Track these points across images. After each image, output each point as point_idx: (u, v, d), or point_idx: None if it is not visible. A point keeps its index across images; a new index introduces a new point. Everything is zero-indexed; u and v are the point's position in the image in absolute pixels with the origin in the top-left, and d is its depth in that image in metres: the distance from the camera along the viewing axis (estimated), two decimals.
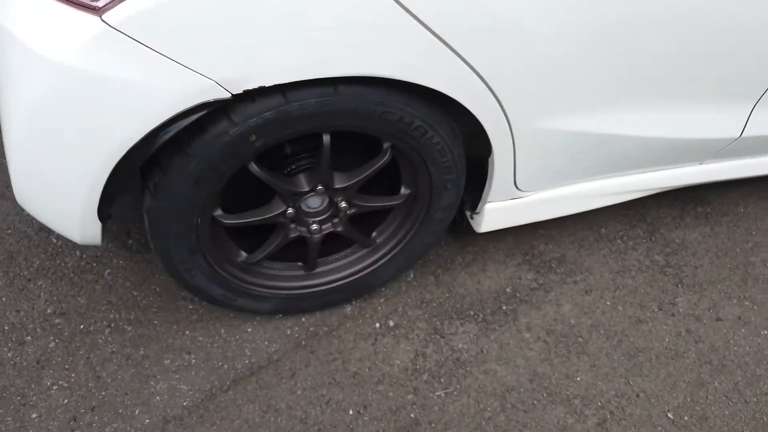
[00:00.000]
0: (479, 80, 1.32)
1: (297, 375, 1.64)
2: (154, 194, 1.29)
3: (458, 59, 1.28)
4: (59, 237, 1.84)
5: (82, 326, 1.65)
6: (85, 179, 1.21)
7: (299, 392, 1.60)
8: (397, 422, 1.57)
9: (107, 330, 1.65)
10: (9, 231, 1.84)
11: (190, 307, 1.74)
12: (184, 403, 1.54)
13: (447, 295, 1.87)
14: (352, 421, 1.57)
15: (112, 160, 1.19)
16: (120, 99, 1.12)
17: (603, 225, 2.11)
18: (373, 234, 1.69)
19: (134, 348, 1.63)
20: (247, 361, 1.64)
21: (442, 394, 1.64)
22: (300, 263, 1.67)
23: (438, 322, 1.79)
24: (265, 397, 1.58)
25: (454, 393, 1.65)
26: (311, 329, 1.74)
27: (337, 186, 1.47)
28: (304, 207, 1.53)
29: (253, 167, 1.35)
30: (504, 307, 1.85)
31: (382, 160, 1.45)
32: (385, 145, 1.44)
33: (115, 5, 1.05)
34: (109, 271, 1.78)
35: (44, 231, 1.85)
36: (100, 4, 1.05)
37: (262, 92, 1.19)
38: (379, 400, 1.61)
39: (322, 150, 1.37)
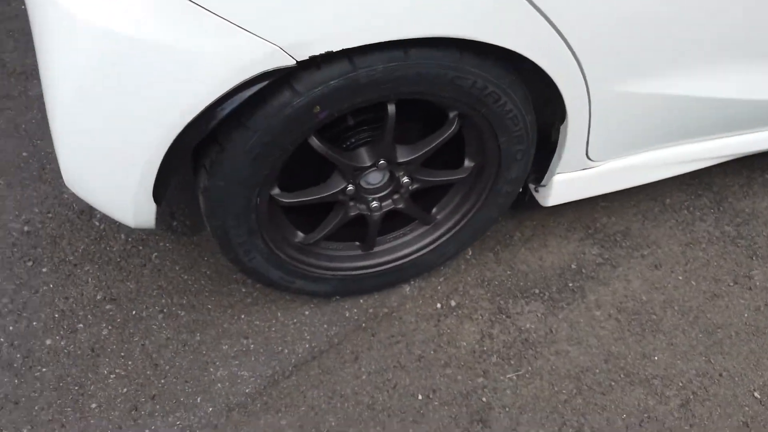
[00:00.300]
0: (561, 40, 1.21)
1: (360, 359, 1.56)
2: (210, 172, 1.20)
3: (540, 16, 1.17)
4: (102, 220, 1.77)
5: (134, 312, 1.59)
6: (141, 158, 1.12)
7: (364, 377, 1.53)
8: (468, 407, 1.50)
9: (160, 315, 1.59)
10: (50, 215, 1.76)
11: (243, 290, 1.66)
12: (247, 390, 1.47)
13: (509, 272, 1.77)
14: (421, 406, 1.49)
15: (169, 137, 1.10)
16: (177, 69, 1.03)
17: (667, 195, 1.99)
18: (433, 210, 1.59)
19: (190, 334, 1.56)
20: (307, 345, 1.57)
21: (514, 377, 1.56)
22: (358, 243, 1.58)
23: (502, 302, 1.70)
24: (329, 382, 1.51)
25: (526, 375, 1.57)
26: (370, 311, 1.65)
27: (400, 160, 1.38)
28: (363, 183, 1.44)
29: (314, 141, 1.26)
30: (570, 284, 1.76)
31: (449, 131, 1.35)
32: (452, 114, 1.34)
33: None
34: (156, 254, 1.71)
35: (86, 214, 1.78)
36: None
37: (327, 59, 1.09)
38: (448, 383, 1.53)
39: (386, 121, 1.27)
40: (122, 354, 1.50)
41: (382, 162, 1.37)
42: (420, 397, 1.51)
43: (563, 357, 1.61)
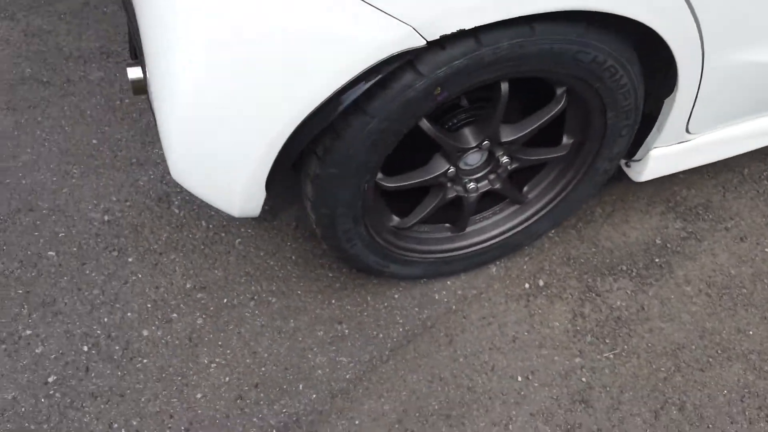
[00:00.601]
0: (686, 7, 1.16)
1: (454, 341, 1.55)
2: (323, 160, 1.17)
3: None
4: (181, 207, 1.74)
5: (225, 300, 1.58)
6: (259, 147, 1.09)
7: (461, 359, 1.52)
8: (568, 387, 1.49)
9: (252, 303, 1.57)
10: (128, 203, 1.75)
11: (330, 275, 1.64)
12: (347, 376, 1.47)
13: (593, 249, 1.75)
14: (522, 388, 1.48)
15: (291, 126, 1.06)
16: (304, 53, 0.99)
17: (744, 165, 1.95)
18: (524, 189, 1.56)
19: (283, 321, 1.55)
20: (401, 329, 1.56)
21: (611, 356, 1.55)
22: (447, 225, 1.56)
23: (590, 280, 1.68)
24: (426, 365, 1.51)
25: (623, 354, 1.55)
26: (459, 293, 1.64)
27: (504, 139, 1.34)
28: (462, 165, 1.41)
29: (425, 123, 1.22)
30: (657, 260, 1.73)
31: (557, 108, 1.31)
32: (559, 90, 1.30)
33: None
34: (239, 240, 1.69)
35: (164, 201, 1.76)
36: None
37: (452, 38, 1.05)
38: (546, 364, 1.52)
39: (497, 101, 1.23)
40: (220, 343, 1.50)
41: (485, 142, 1.33)
42: (519, 378, 1.50)
43: (658, 334, 1.59)
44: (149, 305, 1.55)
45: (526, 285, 1.67)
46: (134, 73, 1.39)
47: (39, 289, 1.55)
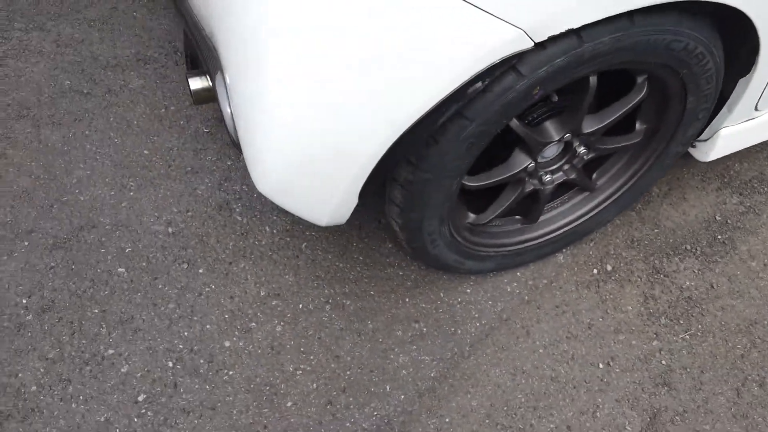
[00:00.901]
0: None
1: (531, 332, 1.56)
2: (417, 166, 1.16)
3: None
4: (243, 214, 1.74)
5: (300, 305, 1.58)
6: (361, 159, 1.08)
7: (540, 350, 1.53)
8: (650, 371, 1.51)
9: (327, 306, 1.58)
10: (189, 213, 1.74)
11: (401, 273, 1.65)
12: (432, 374, 1.48)
13: (656, 230, 1.75)
14: (604, 375, 1.50)
15: (395, 135, 1.05)
16: (413, 62, 0.97)
17: None
18: (593, 176, 1.56)
19: (361, 322, 1.56)
20: (477, 324, 1.57)
21: (687, 337, 1.56)
22: (518, 217, 1.56)
23: (656, 261, 1.69)
24: (507, 358, 1.52)
25: (698, 334, 1.57)
26: (530, 283, 1.65)
27: (585, 131, 1.33)
28: (540, 158, 1.40)
29: (515, 122, 1.22)
30: (719, 237, 1.74)
31: (639, 96, 1.30)
32: (640, 79, 1.29)
33: None
34: (305, 244, 1.69)
35: (225, 209, 1.75)
36: None
37: (555, 37, 1.04)
38: (624, 350, 1.54)
39: (584, 93, 1.22)
40: (302, 349, 1.51)
41: (567, 135, 1.32)
42: (600, 365, 1.52)
43: (729, 312, 1.60)
44: (226, 316, 1.55)
45: (594, 271, 1.68)
46: (196, 83, 1.37)
47: (114, 307, 1.55)
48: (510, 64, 1.02)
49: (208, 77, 1.36)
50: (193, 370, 1.47)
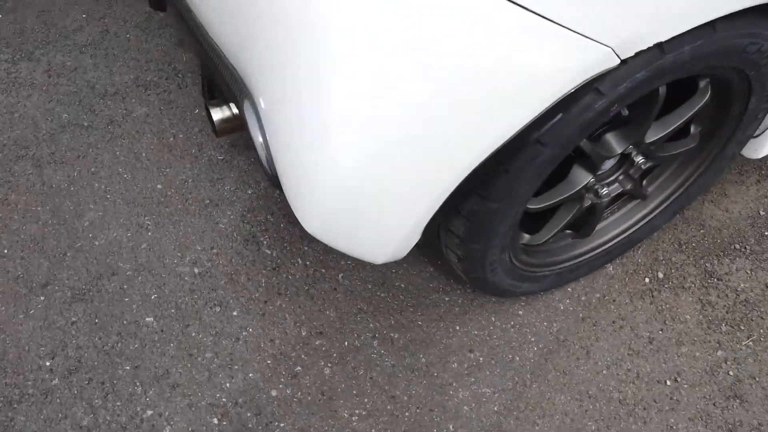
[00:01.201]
0: None
1: (591, 352, 1.49)
2: (484, 196, 1.07)
3: None
4: (272, 247, 1.63)
5: (346, 343, 1.48)
6: (430, 196, 0.98)
7: (604, 371, 1.46)
8: (718, 384, 1.44)
9: (375, 342, 1.49)
10: (214, 251, 1.63)
11: (447, 299, 1.56)
12: (495, 408, 1.40)
13: (701, 231, 1.69)
14: (672, 392, 1.44)
15: (468, 168, 0.96)
16: (493, 90, 0.87)
17: None
18: (643, 182, 1.49)
19: (413, 357, 1.47)
20: (535, 348, 1.49)
21: (750, 343, 1.50)
22: (569, 231, 1.48)
23: (707, 264, 1.63)
24: (571, 383, 1.45)
25: (761, 339, 1.51)
26: (582, 299, 1.57)
27: (648, 140, 1.25)
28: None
29: (585, 141, 1.14)
30: (766, 233, 1.68)
31: (702, 101, 1.22)
32: (702, 83, 1.21)
33: None
34: (341, 275, 1.59)
35: (251, 243, 1.64)
36: None
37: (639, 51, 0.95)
38: (689, 363, 1.47)
39: (652, 104, 1.14)
40: (354, 392, 1.41)
41: (630, 146, 1.24)
42: (668, 382, 1.45)
43: None
44: (269, 361, 1.45)
45: (646, 279, 1.61)
46: (218, 113, 1.27)
47: (147, 361, 1.44)
48: (591, 84, 0.94)
49: (232, 105, 1.26)
50: (242, 425, 1.37)
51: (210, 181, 1.75)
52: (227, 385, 1.42)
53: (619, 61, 0.91)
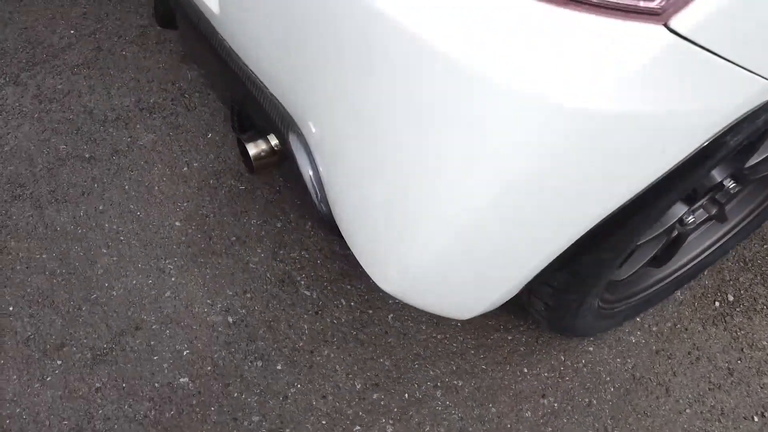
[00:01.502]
0: None
1: (670, 389, 1.38)
2: (598, 247, 0.94)
3: None
4: (311, 287, 1.47)
5: (406, 395, 1.34)
6: (547, 250, 0.85)
7: (687, 410, 1.35)
8: None
9: (438, 392, 1.35)
10: (248, 295, 1.46)
11: (509, 338, 1.43)
12: None
13: (765, 246, 1.59)
14: (761, 429, 1.34)
15: (591, 224, 0.83)
16: (649, 134, 0.74)
17: None
18: (726, 205, 1.37)
19: (481, 407, 1.34)
20: (611, 389, 1.37)
21: None
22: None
23: None
24: (654, 427, 1.33)
25: None
26: (654, 329, 1.46)
27: (749, 164, 1.14)
28: None
29: None
30: None
31: None
32: None
33: (679, 8, 0.65)
34: (391, 315, 1.45)
35: (287, 284, 1.48)
36: (654, 4, 0.65)
37: None
38: None
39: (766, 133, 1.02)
40: None
41: (730, 175, 1.13)
42: (755, 418, 1.35)
43: None
44: (324, 422, 1.30)
45: (716, 303, 1.50)
46: (254, 148, 1.13)
47: (187, 430, 1.28)
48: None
49: (270, 138, 1.13)
50: None
51: (233, 215, 1.58)
52: None
53: None
